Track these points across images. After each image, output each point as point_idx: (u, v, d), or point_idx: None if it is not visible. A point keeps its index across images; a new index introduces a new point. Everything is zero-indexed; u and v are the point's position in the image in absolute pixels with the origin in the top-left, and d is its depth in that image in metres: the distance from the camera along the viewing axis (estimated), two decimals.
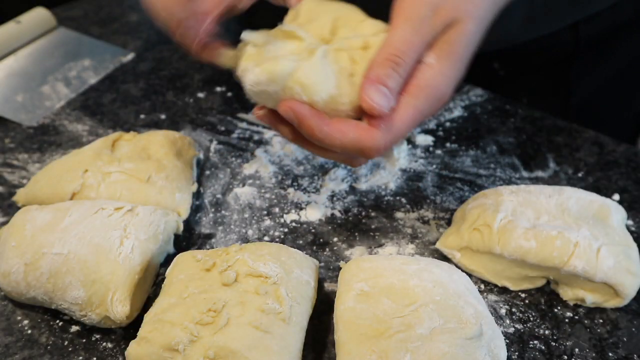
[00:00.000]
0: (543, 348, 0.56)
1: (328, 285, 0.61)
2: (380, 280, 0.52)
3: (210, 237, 0.66)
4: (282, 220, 0.68)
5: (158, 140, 0.69)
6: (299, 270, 0.54)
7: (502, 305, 0.59)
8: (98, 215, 0.57)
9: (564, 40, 0.84)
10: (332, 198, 0.70)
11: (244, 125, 0.80)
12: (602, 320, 0.58)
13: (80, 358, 0.54)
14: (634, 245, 0.59)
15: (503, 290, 0.61)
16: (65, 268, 0.54)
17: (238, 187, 0.72)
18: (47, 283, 0.54)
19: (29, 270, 0.54)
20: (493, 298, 0.60)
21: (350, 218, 0.68)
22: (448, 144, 0.77)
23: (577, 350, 0.55)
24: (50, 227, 0.56)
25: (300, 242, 0.65)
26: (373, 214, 0.68)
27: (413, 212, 0.68)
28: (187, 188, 0.67)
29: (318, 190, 0.71)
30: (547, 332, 0.57)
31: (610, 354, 0.55)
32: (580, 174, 0.73)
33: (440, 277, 0.53)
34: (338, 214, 0.68)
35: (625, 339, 0.56)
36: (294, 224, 0.67)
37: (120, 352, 0.55)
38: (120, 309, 0.53)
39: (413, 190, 0.70)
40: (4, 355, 0.54)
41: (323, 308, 0.57)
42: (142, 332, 0.50)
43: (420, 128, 0.79)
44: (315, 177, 0.73)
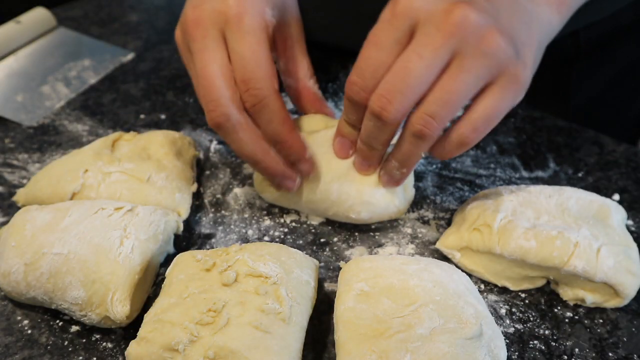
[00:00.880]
0: (543, 348, 0.56)
1: (328, 285, 0.61)
2: (380, 280, 0.52)
3: (210, 237, 0.66)
4: (282, 220, 0.68)
5: (158, 140, 0.69)
6: (299, 270, 0.54)
7: (502, 305, 0.59)
8: (98, 215, 0.57)
9: (565, 45, 0.84)
10: None
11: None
12: (602, 320, 0.58)
13: (80, 358, 0.54)
14: (634, 245, 0.59)
15: (503, 290, 0.61)
16: (65, 268, 0.54)
17: (238, 187, 0.72)
18: (47, 283, 0.54)
19: (29, 270, 0.54)
20: (493, 298, 0.60)
21: None
22: None
23: (577, 350, 0.55)
24: (50, 227, 0.56)
25: (300, 242, 0.65)
26: None
27: (413, 212, 0.68)
28: (187, 188, 0.67)
29: None
30: (547, 332, 0.57)
31: (610, 354, 0.55)
32: (580, 174, 0.73)
33: (440, 277, 0.53)
34: None
35: (625, 339, 0.56)
36: (294, 224, 0.67)
37: (120, 352, 0.55)
38: (120, 309, 0.53)
39: None
40: (4, 355, 0.54)
41: (323, 308, 0.57)
42: (142, 332, 0.50)
43: None
44: None
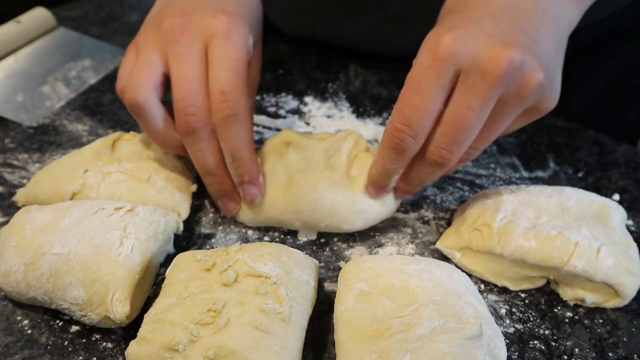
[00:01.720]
0: (543, 348, 0.56)
1: (328, 285, 0.61)
2: (380, 280, 0.52)
3: (210, 237, 0.66)
4: None
5: None
6: (299, 270, 0.54)
7: (502, 305, 0.59)
8: (98, 215, 0.57)
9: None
10: None
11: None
12: (602, 320, 0.58)
13: (80, 358, 0.54)
14: (634, 245, 0.59)
15: (503, 290, 0.61)
16: (65, 268, 0.54)
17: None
18: (47, 283, 0.54)
19: (29, 270, 0.54)
20: (493, 298, 0.60)
21: None
22: None
23: (577, 350, 0.55)
24: (50, 227, 0.56)
25: (300, 242, 0.65)
26: None
27: (413, 212, 0.68)
28: (187, 188, 0.67)
29: None
30: (547, 332, 0.57)
31: (610, 354, 0.55)
32: (580, 174, 0.73)
33: (440, 277, 0.53)
34: None
35: (625, 339, 0.56)
36: None
37: (120, 352, 0.55)
38: (120, 309, 0.53)
39: None
40: (4, 355, 0.54)
41: (323, 308, 0.57)
42: (142, 332, 0.50)
43: None
44: None
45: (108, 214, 0.57)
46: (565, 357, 0.55)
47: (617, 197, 0.70)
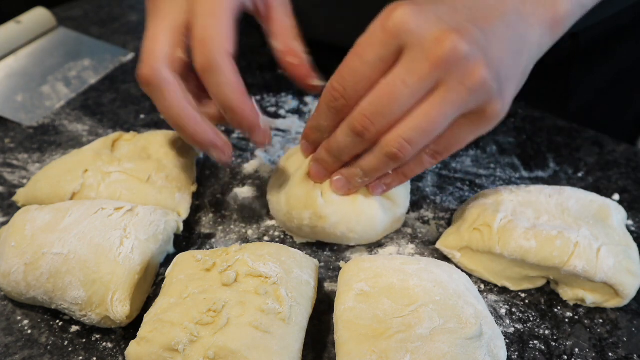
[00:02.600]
0: (543, 348, 0.56)
1: (328, 285, 0.61)
2: (380, 280, 0.52)
3: (210, 237, 0.66)
4: None
5: (158, 140, 0.69)
6: (299, 270, 0.54)
7: (502, 305, 0.59)
8: (98, 215, 0.57)
9: (564, 46, 0.84)
10: None
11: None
12: (602, 320, 0.58)
13: (80, 358, 0.54)
14: (634, 245, 0.59)
15: (503, 290, 0.61)
16: (65, 268, 0.54)
17: (238, 187, 0.72)
18: (47, 283, 0.54)
19: (29, 270, 0.54)
20: (493, 298, 0.60)
21: None
22: None
23: (577, 350, 0.55)
24: (50, 227, 0.56)
25: (300, 242, 0.65)
26: None
27: (413, 212, 0.68)
28: (187, 188, 0.67)
29: None
30: (547, 332, 0.57)
31: (610, 354, 0.55)
32: (580, 174, 0.73)
33: (440, 277, 0.53)
34: None
35: (625, 339, 0.56)
36: None
37: (120, 352, 0.55)
38: (120, 309, 0.53)
39: (413, 190, 0.70)
40: (4, 355, 0.54)
41: (323, 308, 0.57)
42: (142, 332, 0.50)
43: None
44: None
45: (108, 214, 0.57)
46: (565, 357, 0.55)
47: (617, 197, 0.70)
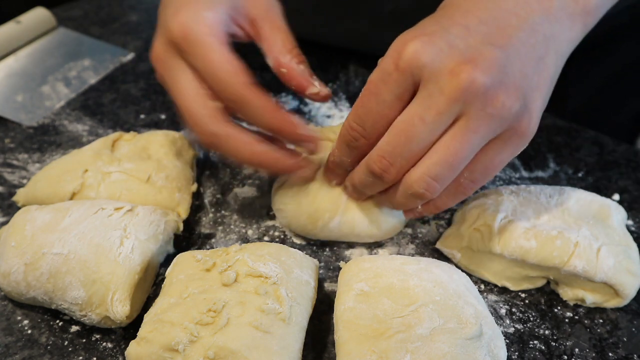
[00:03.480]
0: (543, 348, 0.56)
1: (328, 285, 0.61)
2: (380, 280, 0.52)
3: (210, 237, 0.66)
4: None
5: (158, 140, 0.69)
6: (299, 270, 0.54)
7: (502, 305, 0.59)
8: (98, 215, 0.57)
9: None
10: None
11: (244, 125, 0.80)
12: (602, 320, 0.58)
13: (80, 358, 0.54)
14: (634, 245, 0.59)
15: (503, 290, 0.61)
16: (65, 268, 0.54)
17: (238, 187, 0.72)
18: (47, 283, 0.54)
19: (29, 270, 0.54)
20: (493, 298, 0.60)
21: None
22: None
23: (577, 350, 0.55)
24: (50, 227, 0.56)
25: (300, 242, 0.65)
26: None
27: None
28: (187, 188, 0.67)
29: None
30: (547, 332, 0.57)
31: (610, 354, 0.55)
32: (580, 174, 0.73)
33: (440, 277, 0.53)
34: None
35: (625, 339, 0.56)
36: None
37: (120, 352, 0.55)
38: (120, 309, 0.53)
39: None
40: (4, 355, 0.54)
41: (323, 308, 0.57)
42: (142, 332, 0.50)
43: None
44: None
45: (108, 214, 0.57)
46: (565, 357, 0.55)
47: (617, 197, 0.70)
